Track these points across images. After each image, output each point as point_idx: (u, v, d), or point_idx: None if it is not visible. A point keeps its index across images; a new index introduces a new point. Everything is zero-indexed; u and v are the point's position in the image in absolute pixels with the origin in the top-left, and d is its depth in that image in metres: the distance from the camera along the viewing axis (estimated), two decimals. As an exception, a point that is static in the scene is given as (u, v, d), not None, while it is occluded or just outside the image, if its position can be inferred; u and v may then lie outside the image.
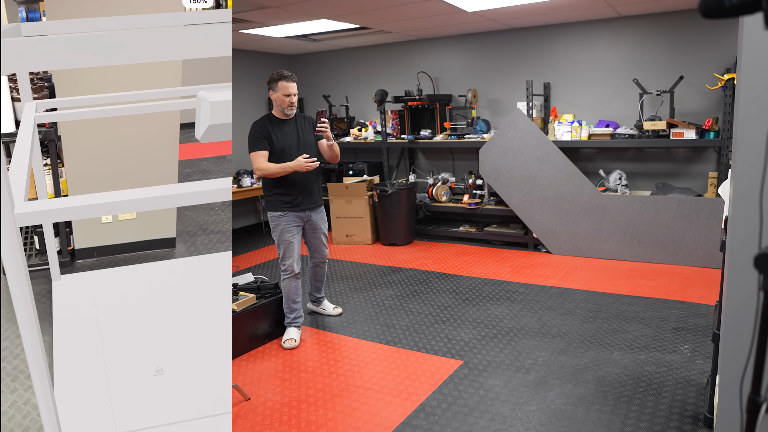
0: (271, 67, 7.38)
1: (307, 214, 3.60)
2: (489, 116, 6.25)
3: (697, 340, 3.35)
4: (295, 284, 3.63)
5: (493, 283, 4.60)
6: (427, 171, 6.75)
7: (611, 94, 5.51)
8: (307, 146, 3.52)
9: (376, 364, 3.25)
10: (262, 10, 4.60)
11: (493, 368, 3.12)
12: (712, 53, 4.94)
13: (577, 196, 5.14)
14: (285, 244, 3.54)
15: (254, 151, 3.40)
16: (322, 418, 2.70)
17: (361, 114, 7.18)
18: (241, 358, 3.43)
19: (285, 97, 3.38)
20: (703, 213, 4.65)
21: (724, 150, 4.58)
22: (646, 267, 4.82)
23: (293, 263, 3.58)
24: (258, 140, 3.40)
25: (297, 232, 3.58)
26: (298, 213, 3.55)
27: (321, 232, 3.72)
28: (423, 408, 2.75)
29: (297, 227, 3.57)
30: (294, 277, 3.61)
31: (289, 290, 3.63)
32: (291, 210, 3.52)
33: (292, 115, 3.50)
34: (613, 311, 3.88)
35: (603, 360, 3.15)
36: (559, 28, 5.68)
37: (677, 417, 2.54)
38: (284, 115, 3.49)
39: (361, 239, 6.13)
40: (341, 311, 4.09)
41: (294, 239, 3.56)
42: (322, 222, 3.71)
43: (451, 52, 6.42)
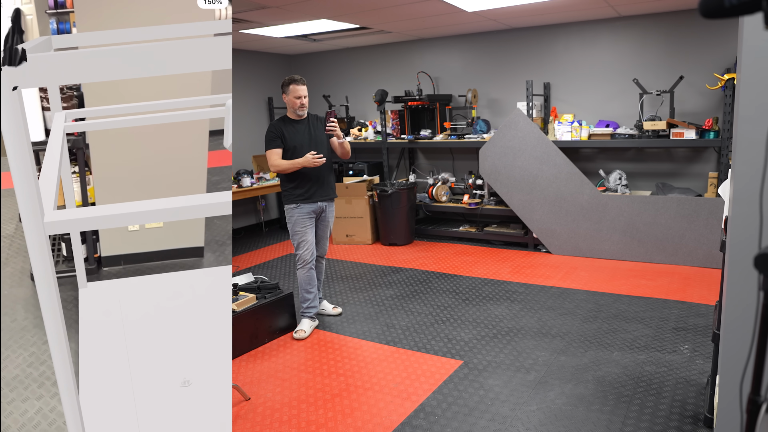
0: (271, 67, 7.38)
1: (320, 206, 3.77)
2: (489, 116, 6.25)
3: (697, 340, 3.35)
4: (308, 274, 3.77)
5: (493, 283, 4.60)
6: (427, 171, 6.76)
7: (611, 94, 5.51)
8: (318, 144, 3.72)
9: (376, 364, 3.25)
10: (262, 10, 4.60)
11: (493, 368, 3.12)
12: (712, 53, 4.94)
13: (577, 196, 5.14)
14: (299, 235, 3.72)
15: (269, 149, 3.66)
16: (322, 418, 2.70)
17: (361, 114, 7.18)
18: (241, 358, 3.43)
19: (296, 99, 3.67)
20: (703, 213, 4.65)
21: (724, 150, 4.58)
22: (646, 267, 4.82)
23: (306, 253, 3.73)
24: (272, 139, 3.66)
25: (310, 224, 3.75)
26: (311, 205, 3.73)
27: (328, 226, 3.90)
28: (423, 408, 2.75)
29: (310, 219, 3.74)
30: (308, 266, 3.75)
31: (302, 279, 3.78)
32: (304, 202, 3.70)
33: (304, 115, 3.75)
34: (613, 311, 3.88)
35: (603, 360, 3.15)
36: (559, 28, 5.68)
37: (677, 417, 2.54)
38: (296, 116, 3.73)
39: (361, 239, 6.13)
40: (341, 311, 4.11)
41: (308, 230, 3.73)
42: (332, 217, 3.89)
43: (451, 52, 6.42)
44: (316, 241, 3.87)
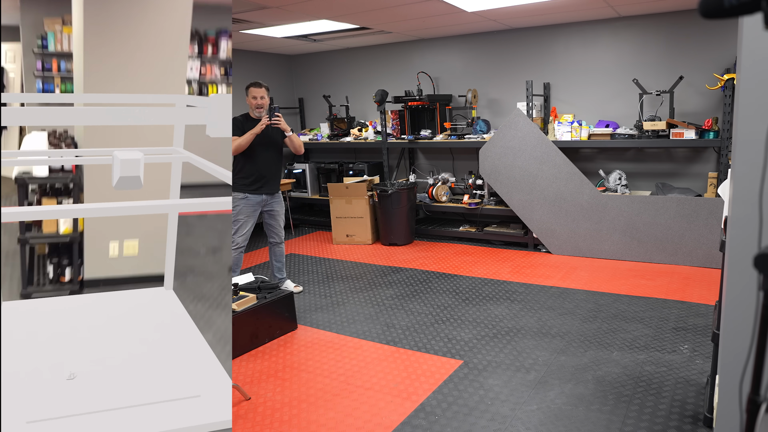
0: (272, 67, 7.39)
1: (265, 198, 4.29)
2: (489, 116, 6.25)
3: (697, 340, 3.35)
4: (237, 256, 4.32)
5: (493, 283, 4.60)
6: (427, 171, 6.76)
7: (611, 94, 5.51)
8: (269, 139, 4.24)
9: (376, 364, 3.25)
10: (262, 10, 4.60)
11: (493, 368, 3.12)
12: (712, 53, 4.94)
13: (577, 196, 5.14)
14: (239, 223, 4.24)
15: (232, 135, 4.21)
16: (323, 418, 2.70)
17: (361, 114, 7.18)
18: (241, 358, 3.43)
19: (253, 99, 4.19)
20: (703, 213, 4.66)
21: (724, 150, 4.59)
22: (646, 267, 4.82)
23: (241, 239, 4.27)
24: (234, 129, 4.19)
25: (252, 215, 4.27)
26: (257, 197, 4.25)
27: (277, 216, 4.41)
28: (423, 408, 2.75)
29: (254, 211, 4.27)
30: (240, 250, 4.29)
31: (232, 260, 4.33)
32: (252, 193, 4.22)
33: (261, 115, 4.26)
34: (612, 311, 3.88)
35: (603, 360, 3.16)
36: (559, 28, 5.68)
37: (677, 417, 2.54)
38: (255, 115, 4.25)
39: (361, 239, 6.13)
40: (302, 289, 4.67)
41: (249, 220, 4.25)
42: (279, 207, 4.42)
43: (451, 52, 6.42)
44: (270, 229, 4.43)
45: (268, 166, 4.27)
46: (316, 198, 6.93)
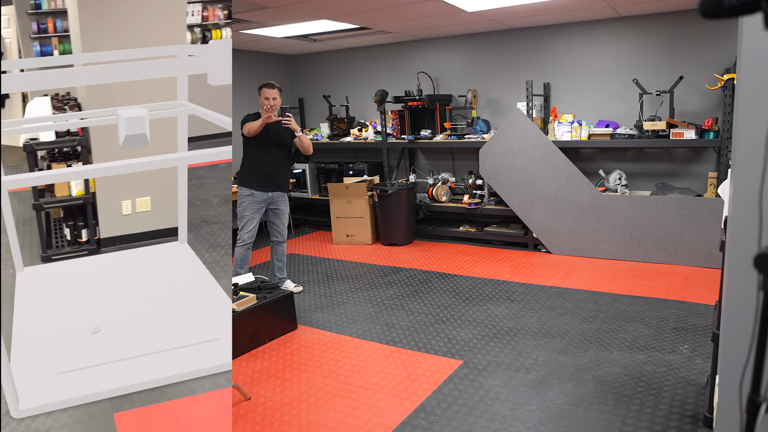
0: (271, 67, 7.39)
1: (271, 196, 4.31)
2: (489, 116, 6.25)
3: (697, 340, 3.35)
4: (244, 253, 4.29)
5: (493, 283, 4.60)
6: (427, 171, 6.76)
7: (611, 94, 5.51)
8: (279, 138, 4.29)
9: (376, 364, 3.25)
10: (262, 10, 4.60)
11: (493, 368, 3.12)
12: (712, 53, 4.95)
13: (577, 196, 5.14)
14: (245, 219, 4.27)
15: (245, 123, 4.23)
16: (323, 418, 2.70)
17: (361, 114, 7.18)
18: (241, 358, 3.43)
19: (265, 100, 4.16)
20: (703, 213, 4.65)
21: (724, 150, 4.59)
22: (646, 267, 4.82)
23: (247, 236, 4.27)
24: (248, 119, 4.25)
25: (258, 212, 4.28)
26: (264, 194, 4.27)
27: (282, 215, 4.41)
28: (423, 408, 2.75)
29: (259, 208, 4.29)
30: (246, 247, 4.28)
31: (238, 257, 4.29)
32: (258, 190, 4.25)
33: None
34: (612, 311, 3.88)
35: (603, 360, 3.16)
36: (559, 28, 5.68)
37: (677, 417, 2.54)
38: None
39: (361, 239, 6.13)
40: (302, 289, 4.65)
41: (254, 217, 4.27)
42: (285, 207, 4.43)
43: (451, 52, 6.42)
44: (274, 227, 4.43)
45: (277, 164, 4.30)
46: (316, 198, 6.93)
